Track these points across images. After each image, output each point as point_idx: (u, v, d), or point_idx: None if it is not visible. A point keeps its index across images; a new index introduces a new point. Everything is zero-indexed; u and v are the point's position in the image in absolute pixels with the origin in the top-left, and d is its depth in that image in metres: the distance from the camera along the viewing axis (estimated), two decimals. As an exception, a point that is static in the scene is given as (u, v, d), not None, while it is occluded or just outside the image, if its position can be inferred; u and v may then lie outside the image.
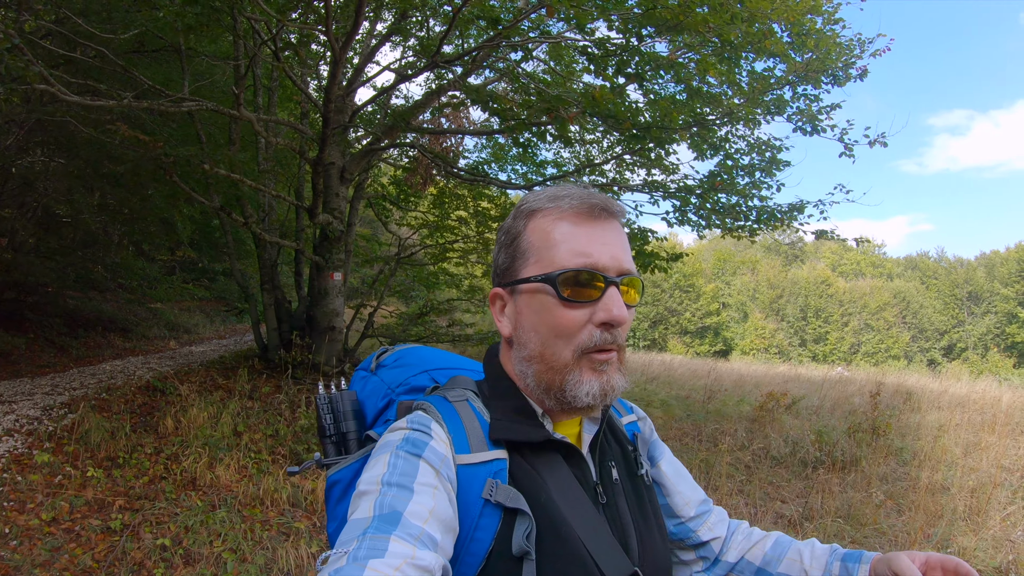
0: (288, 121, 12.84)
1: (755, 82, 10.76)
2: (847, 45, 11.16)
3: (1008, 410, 12.26)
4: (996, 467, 8.86)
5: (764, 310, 64.65)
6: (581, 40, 9.67)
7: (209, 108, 9.57)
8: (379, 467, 1.18)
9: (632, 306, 1.35)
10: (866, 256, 76.89)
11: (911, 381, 19.70)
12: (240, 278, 14.00)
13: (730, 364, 31.16)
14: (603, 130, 12.93)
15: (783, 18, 9.10)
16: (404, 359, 1.73)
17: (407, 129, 12.09)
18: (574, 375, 1.29)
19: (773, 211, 11.44)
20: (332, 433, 1.58)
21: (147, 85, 9.30)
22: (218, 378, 11.55)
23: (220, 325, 22.83)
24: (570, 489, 1.30)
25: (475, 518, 1.20)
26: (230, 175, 10.13)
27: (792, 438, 10.95)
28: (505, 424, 1.32)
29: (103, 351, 14.63)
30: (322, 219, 11.43)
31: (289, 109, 16.11)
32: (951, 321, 63.40)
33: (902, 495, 8.39)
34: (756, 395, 15.26)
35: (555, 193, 1.37)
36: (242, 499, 6.91)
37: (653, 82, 11.00)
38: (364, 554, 0.98)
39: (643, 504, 1.44)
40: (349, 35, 9.69)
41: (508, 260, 1.42)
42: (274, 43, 10.24)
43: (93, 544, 5.78)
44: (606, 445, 1.47)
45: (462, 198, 15.14)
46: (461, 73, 11.20)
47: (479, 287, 15.65)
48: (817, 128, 11.17)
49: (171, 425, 8.77)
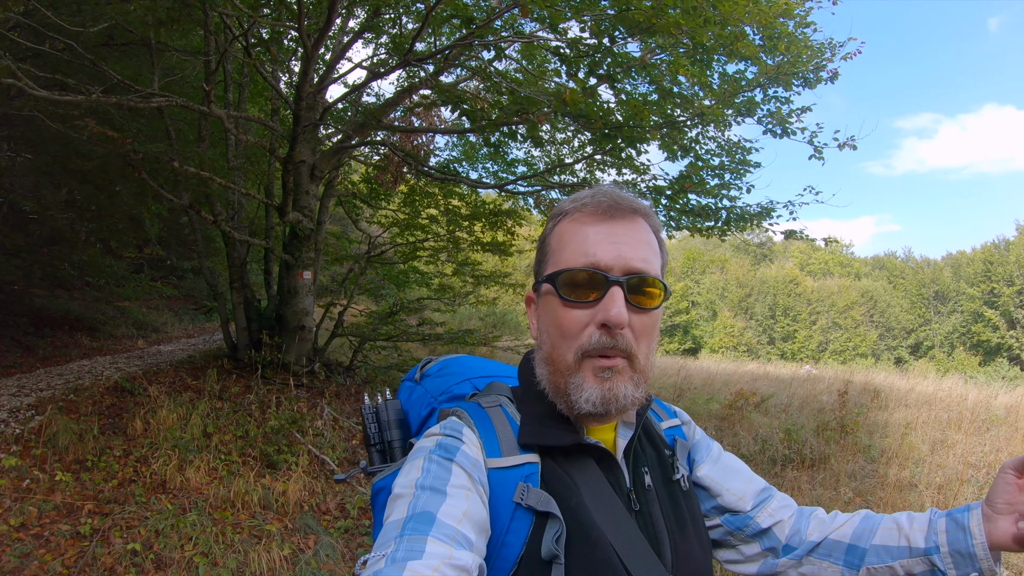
0: (258, 118, 12.72)
1: (726, 84, 10.84)
2: (818, 48, 11.25)
3: (974, 408, 12.44)
4: (963, 464, 9.00)
5: (733, 308, 65.05)
6: (554, 40, 9.70)
7: (179, 104, 9.48)
8: (413, 472, 1.19)
9: (648, 309, 1.30)
10: (834, 256, 77.65)
11: (879, 379, 19.93)
12: (209, 276, 13.88)
13: (699, 362, 31.35)
14: (574, 129, 12.96)
15: (755, 21, 9.17)
16: (447, 368, 1.75)
17: (378, 127, 12.04)
18: (576, 379, 1.28)
19: (743, 212, 11.54)
20: (376, 442, 1.62)
21: (116, 80, 9.18)
22: (187, 378, 11.43)
23: (189, 324, 22.60)
24: (602, 494, 1.29)
25: (506, 522, 1.21)
26: (199, 173, 10.01)
27: (761, 436, 11.07)
28: (534, 428, 1.32)
29: (70, 351, 14.42)
30: (292, 217, 11.35)
31: (260, 105, 15.98)
32: (918, 320, 64.17)
33: (870, 492, 8.50)
34: (725, 393, 15.38)
35: (579, 195, 1.38)
36: (213, 502, 6.86)
37: (625, 83, 11.03)
38: (402, 556, 1.00)
39: (679, 511, 1.42)
40: (321, 32, 9.64)
41: (537, 264, 1.43)
42: (245, 39, 10.16)
43: (63, 549, 5.71)
44: (640, 450, 1.45)
45: (433, 196, 15.09)
46: (433, 71, 11.17)
47: (449, 286, 15.64)
48: (787, 131, 11.27)
49: (140, 427, 8.67)
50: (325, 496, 7.60)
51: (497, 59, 11.14)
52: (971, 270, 61.23)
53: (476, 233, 14.75)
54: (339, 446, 9.32)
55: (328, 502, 7.47)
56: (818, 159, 11.23)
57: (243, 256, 12.95)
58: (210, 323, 23.10)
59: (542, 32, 9.88)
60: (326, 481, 8.06)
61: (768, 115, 11.28)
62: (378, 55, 14.19)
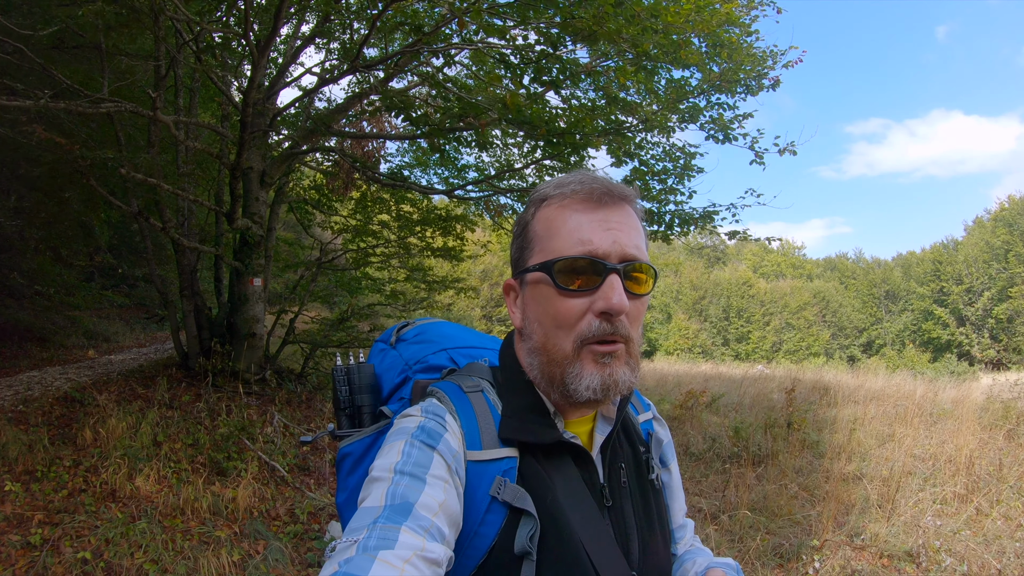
0: (207, 123, 12.63)
1: (671, 91, 11.00)
2: (761, 56, 11.45)
3: (920, 402, 12.65)
4: (908, 456, 9.17)
5: (687, 311, 65.55)
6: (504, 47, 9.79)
7: (128, 110, 9.38)
8: (393, 455, 1.19)
9: (641, 295, 1.31)
10: (786, 258, 78.78)
11: (828, 377, 20.28)
12: (160, 284, 13.70)
13: (653, 364, 31.62)
14: (523, 135, 13.07)
15: (698, 30, 9.32)
16: (425, 334, 1.72)
17: (329, 133, 12.03)
18: (575, 367, 1.27)
19: (688, 215, 11.71)
20: (347, 406, 1.58)
21: (66, 84, 9.07)
22: (137, 387, 11.31)
23: (140, 333, 22.24)
24: (576, 492, 1.30)
25: (481, 514, 1.22)
26: (147, 179, 9.91)
27: (711, 434, 11.25)
28: (515, 424, 1.32)
29: (19, 361, 14.17)
30: (241, 224, 11.28)
31: (211, 110, 15.82)
32: (869, 319, 65.29)
33: (816, 486, 8.66)
34: (677, 394, 15.56)
35: (562, 180, 1.36)
36: (163, 509, 6.84)
37: (572, 89, 11.15)
38: (374, 544, 1.00)
39: (649, 508, 1.43)
40: (268, 39, 9.62)
41: (518, 250, 1.41)
42: (196, 44, 10.10)
43: (13, 560, 5.67)
44: (617, 447, 1.45)
45: (384, 202, 15.07)
46: (383, 77, 11.18)
47: (401, 292, 15.61)
48: (729, 136, 11.44)
49: (89, 436, 8.58)
50: (275, 502, 7.60)
51: (447, 66, 11.20)
52: (921, 270, 62.58)
53: (427, 239, 14.77)
54: (289, 452, 9.31)
55: (278, 508, 7.47)
56: (759, 163, 11.42)
57: (193, 263, 12.84)
58: (161, 332, 22.73)
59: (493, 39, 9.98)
60: (276, 487, 8.06)
61: (711, 121, 11.46)
62: (330, 60, 14.19)
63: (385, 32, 10.43)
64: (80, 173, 9.85)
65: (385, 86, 11.13)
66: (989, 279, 55.40)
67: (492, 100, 9.17)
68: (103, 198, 10.78)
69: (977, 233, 59.01)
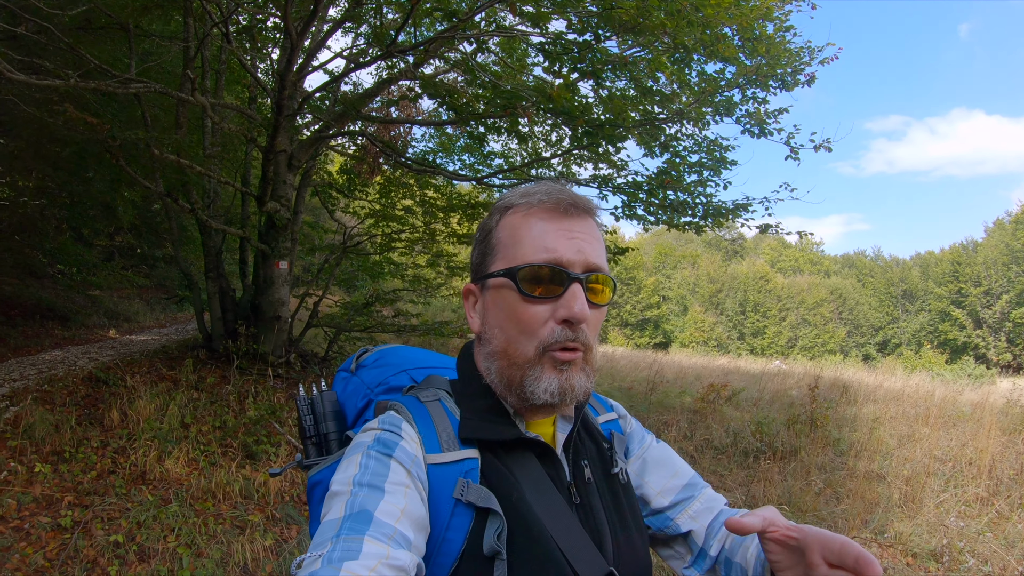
0: (237, 106, 12.63)
1: (705, 83, 10.91)
2: (796, 52, 11.37)
3: (940, 403, 12.60)
4: (929, 457, 9.16)
5: (704, 304, 65.50)
6: (537, 35, 9.71)
7: (158, 90, 9.36)
8: (351, 468, 1.18)
9: (601, 304, 1.33)
10: (804, 253, 78.51)
11: (847, 375, 20.19)
12: (184, 265, 13.75)
13: (670, 356, 31.54)
14: (551, 123, 12.98)
15: (736, 23, 9.23)
16: (384, 359, 1.72)
17: (358, 117, 12.00)
18: (535, 371, 1.27)
19: (720, 207, 11.62)
20: (312, 434, 1.59)
21: (94, 64, 9.06)
22: (163, 368, 11.34)
23: (160, 313, 22.36)
24: (543, 488, 1.29)
25: (447, 518, 1.20)
26: (178, 160, 9.92)
27: (733, 429, 11.22)
28: (475, 423, 1.32)
29: (42, 340, 14.22)
30: (270, 207, 11.28)
31: (236, 93, 15.82)
32: (886, 318, 65.06)
33: (840, 484, 8.64)
34: (697, 387, 15.55)
35: (528, 189, 1.37)
36: (194, 492, 6.83)
37: (614, 80, 11.07)
38: (339, 556, 0.99)
39: (619, 504, 1.41)
40: (307, 21, 9.57)
41: (480, 256, 1.41)
42: (225, 26, 10.07)
43: (44, 542, 5.67)
44: (580, 444, 1.44)
45: (409, 187, 15.04)
46: (413, 63, 11.14)
47: (423, 277, 15.60)
48: (765, 131, 11.36)
49: (117, 417, 8.59)
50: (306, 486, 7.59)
51: (478, 52, 11.14)
52: (939, 270, 62.28)
53: (452, 225, 14.74)
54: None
55: (309, 492, 7.46)
56: (795, 159, 11.34)
57: (219, 245, 12.84)
58: (182, 313, 22.88)
59: (524, 27, 9.90)
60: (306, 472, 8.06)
61: (746, 115, 11.38)
62: (358, 45, 14.14)
63: (416, 18, 10.37)
64: (109, 153, 9.83)
65: (417, 71, 11.07)
66: (1008, 282, 55.11)
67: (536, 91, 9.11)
68: (129, 178, 10.76)
69: (997, 235, 58.63)
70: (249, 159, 14.40)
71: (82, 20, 9.99)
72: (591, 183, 12.36)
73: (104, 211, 17.42)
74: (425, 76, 11.16)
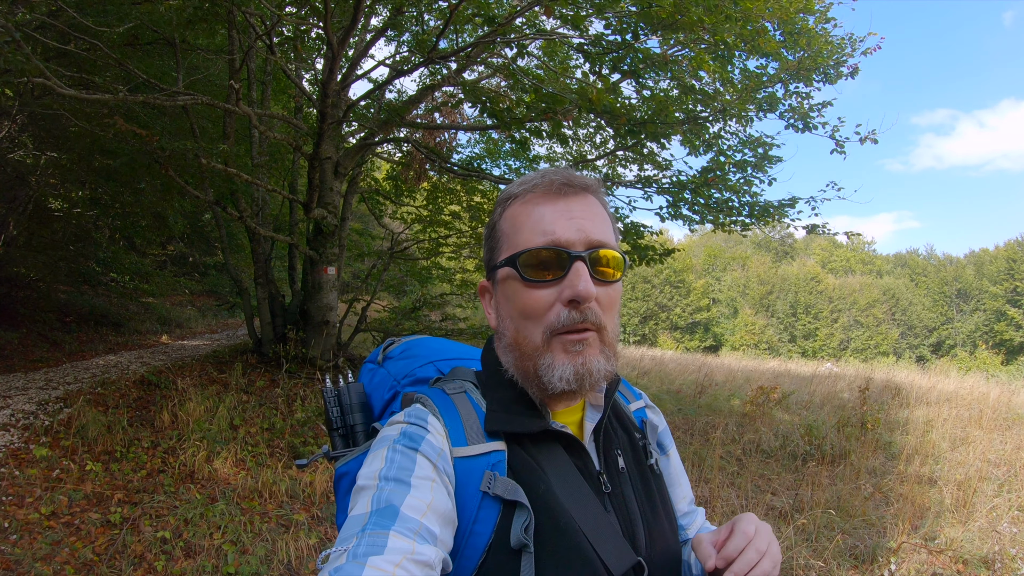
0: (283, 115, 12.84)
1: (747, 79, 10.82)
2: (838, 44, 11.22)
3: (995, 405, 12.34)
4: (982, 461, 8.96)
5: (754, 306, 64.81)
6: (576, 37, 9.73)
7: (205, 102, 9.56)
8: (377, 462, 1.18)
9: (610, 281, 1.30)
10: (856, 253, 77.27)
11: (900, 377, 19.79)
12: (234, 272, 13.99)
13: (720, 359, 31.23)
14: (595, 125, 12.96)
15: (776, 17, 9.15)
16: (411, 350, 1.73)
17: (402, 124, 12.10)
18: (546, 359, 1.26)
19: (765, 206, 11.50)
20: (339, 426, 1.59)
21: (142, 79, 9.29)
22: (213, 372, 11.55)
23: (212, 319, 22.75)
24: (571, 480, 1.28)
25: (474, 511, 1.20)
26: (226, 169, 10.11)
27: (782, 432, 11.06)
28: (501, 415, 1.31)
29: (96, 345, 14.58)
30: (317, 213, 11.43)
31: (282, 103, 16.10)
32: (940, 318, 63.74)
33: (890, 487, 8.46)
34: (747, 390, 15.36)
35: (526, 178, 1.37)
36: (240, 492, 6.95)
37: (647, 78, 11.04)
38: (364, 551, 0.99)
39: (651, 493, 1.40)
40: (347, 30, 9.71)
41: (488, 251, 1.42)
42: (268, 37, 10.25)
43: (93, 537, 5.81)
44: (611, 433, 1.42)
45: (455, 193, 15.14)
46: (456, 69, 11.22)
47: (471, 281, 15.66)
48: (809, 125, 11.24)
49: (168, 419, 8.78)
50: (332, 477, 7.67)
51: (519, 56, 11.20)
52: (994, 268, 60.85)
53: (500, 229, 14.78)
54: (364, 440, 9.40)
55: (354, 493, 7.54)
56: (840, 153, 11.17)
57: (267, 252, 13.06)
58: (232, 319, 23.26)
59: (563, 29, 9.92)
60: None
61: (790, 110, 11.27)
62: (400, 53, 14.27)
63: (457, 23, 10.44)
64: (159, 164, 10.05)
65: (459, 77, 11.15)
66: (1066, 279, 53.65)
67: (568, 92, 9.12)
68: (179, 188, 10.99)
69: (1055, 230, 57.05)
70: (296, 167, 14.62)
71: (130, 36, 10.22)
72: (635, 184, 12.32)
73: (156, 220, 17.79)
74: (467, 82, 11.23)
